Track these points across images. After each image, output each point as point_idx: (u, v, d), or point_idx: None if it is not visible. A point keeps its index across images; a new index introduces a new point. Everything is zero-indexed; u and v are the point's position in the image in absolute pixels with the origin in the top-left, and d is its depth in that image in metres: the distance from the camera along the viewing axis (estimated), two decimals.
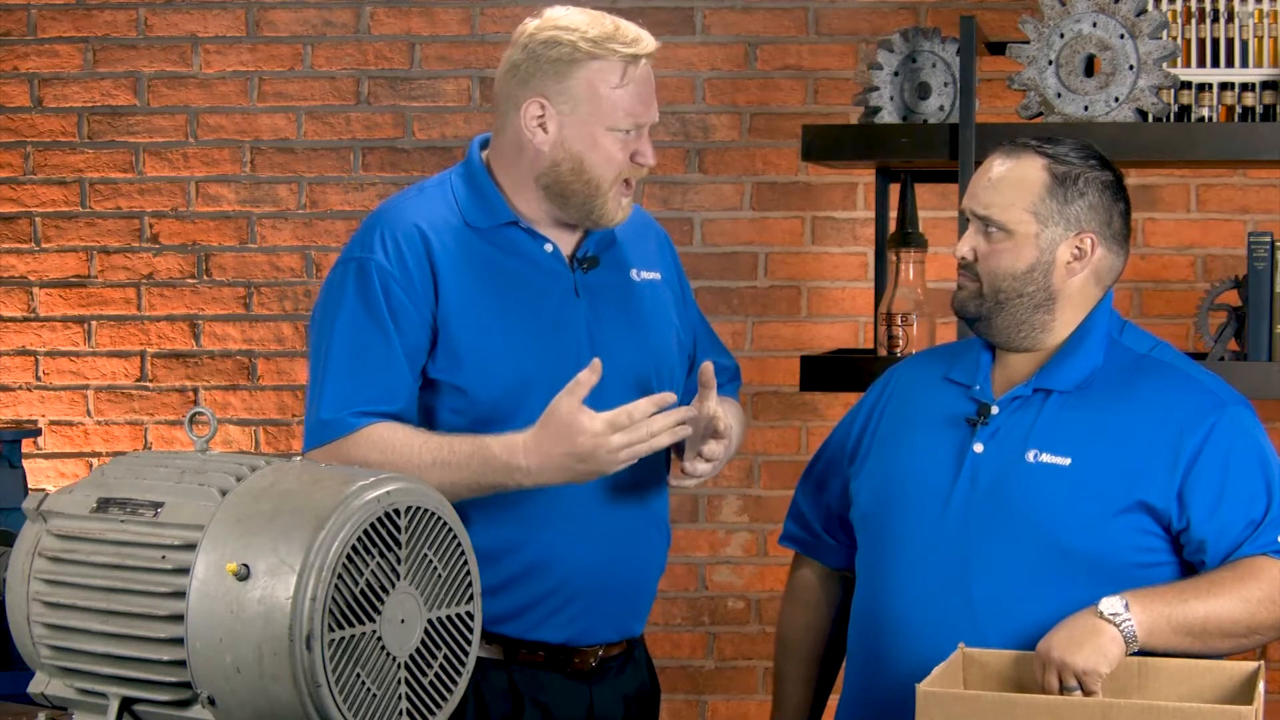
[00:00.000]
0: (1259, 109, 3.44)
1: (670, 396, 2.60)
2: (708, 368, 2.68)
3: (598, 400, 2.65)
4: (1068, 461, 2.52)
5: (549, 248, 2.72)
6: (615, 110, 2.66)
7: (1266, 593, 2.47)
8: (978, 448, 2.57)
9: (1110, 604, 2.40)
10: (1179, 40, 3.44)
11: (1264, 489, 2.52)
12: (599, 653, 2.72)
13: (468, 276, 2.68)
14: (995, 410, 2.58)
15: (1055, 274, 2.58)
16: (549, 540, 2.65)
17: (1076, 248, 2.58)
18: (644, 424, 2.54)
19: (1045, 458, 2.53)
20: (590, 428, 2.52)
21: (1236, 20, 3.46)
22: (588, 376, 2.55)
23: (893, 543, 2.60)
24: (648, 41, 2.70)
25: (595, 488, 2.65)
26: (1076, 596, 2.47)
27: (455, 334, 2.66)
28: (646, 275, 2.83)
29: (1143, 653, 2.42)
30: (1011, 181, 2.58)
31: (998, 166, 2.60)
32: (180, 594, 1.93)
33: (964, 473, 2.56)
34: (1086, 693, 2.35)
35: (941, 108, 3.51)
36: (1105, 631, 2.39)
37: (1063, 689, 2.36)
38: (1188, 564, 2.54)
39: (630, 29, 2.70)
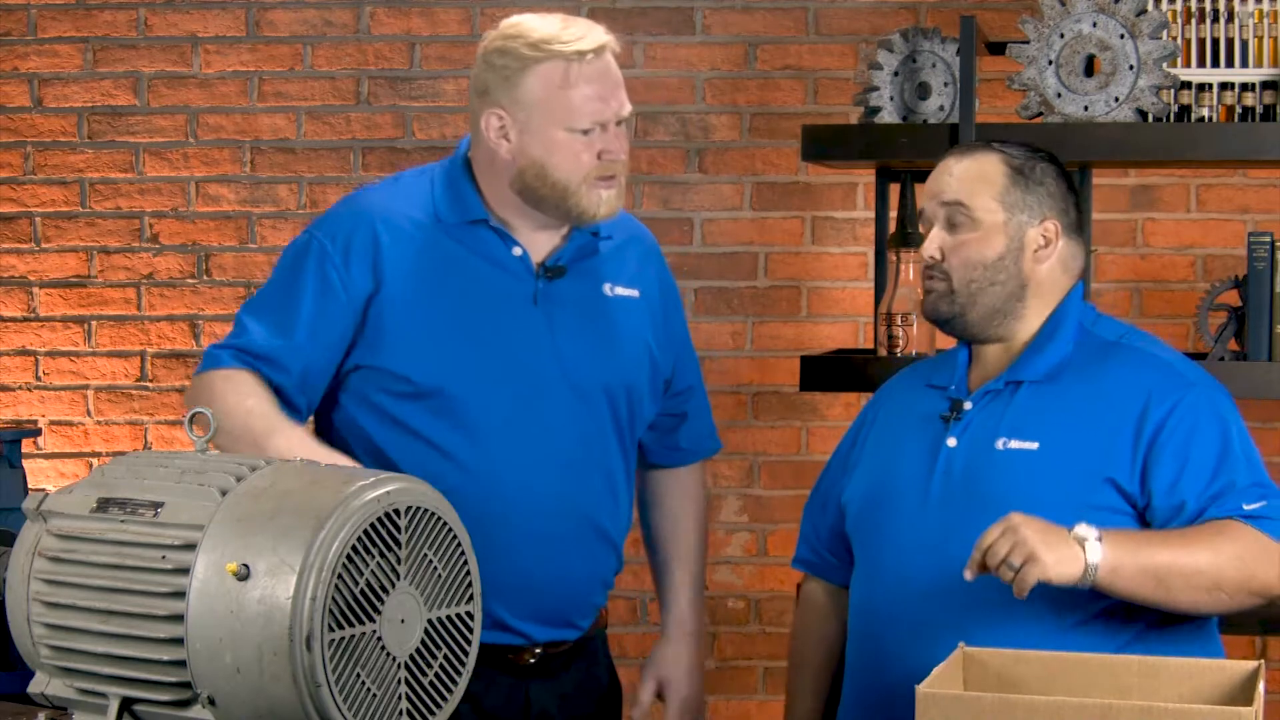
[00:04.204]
0: (1259, 109, 3.44)
1: None
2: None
3: (555, 409, 2.70)
4: (1035, 446, 2.53)
5: (518, 251, 2.72)
6: (569, 110, 2.63)
7: (1236, 551, 2.44)
8: (951, 442, 2.59)
9: (1083, 529, 2.38)
10: (1179, 40, 3.44)
11: (1225, 460, 2.50)
12: (536, 650, 2.74)
13: (418, 271, 2.69)
14: (969, 405, 2.61)
15: (1025, 261, 2.61)
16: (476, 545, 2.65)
17: (1042, 235, 2.61)
18: None
19: (1014, 444, 2.55)
20: None
21: (1236, 20, 3.46)
22: None
23: (878, 545, 2.62)
24: (593, 36, 2.66)
25: (527, 498, 2.68)
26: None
27: (390, 324, 2.67)
28: (622, 291, 2.81)
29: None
30: (974, 174, 2.61)
31: (955, 163, 2.63)
32: (180, 594, 1.93)
33: (939, 468, 2.58)
34: (1015, 587, 2.33)
35: (941, 108, 3.51)
36: (1072, 547, 2.37)
37: (986, 565, 2.35)
38: None
39: (577, 26, 2.67)
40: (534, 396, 2.70)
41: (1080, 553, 2.37)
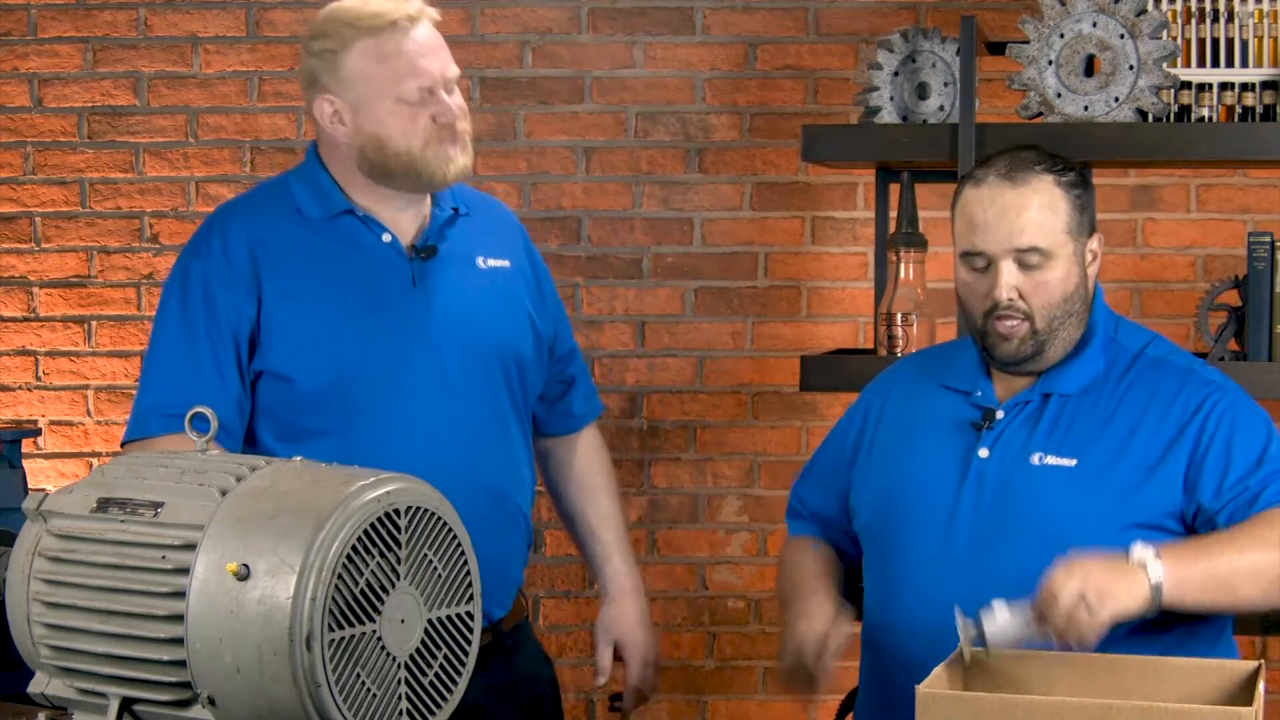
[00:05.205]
0: (1259, 109, 3.44)
1: None
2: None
3: (454, 386, 2.70)
4: (1073, 463, 2.50)
5: (387, 238, 2.74)
6: (392, 81, 2.66)
7: None
8: (983, 453, 2.55)
9: (1139, 550, 2.34)
10: (1179, 40, 3.45)
11: (1268, 450, 2.49)
12: None
13: (294, 270, 2.70)
14: (1000, 415, 2.56)
15: (1088, 282, 2.58)
16: None
17: (1091, 250, 2.58)
18: None
19: (1050, 460, 2.51)
20: None
21: (1236, 20, 3.46)
22: None
23: (900, 552, 2.58)
24: (406, 5, 2.69)
25: (440, 482, 2.62)
26: None
27: (278, 327, 2.68)
28: (494, 263, 2.83)
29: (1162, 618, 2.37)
30: (1040, 206, 2.50)
31: (1014, 196, 2.50)
32: (180, 594, 1.93)
33: (970, 479, 2.54)
34: (1086, 631, 2.31)
35: (941, 108, 3.51)
36: (1136, 573, 2.33)
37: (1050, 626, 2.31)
38: None
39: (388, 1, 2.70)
40: (430, 378, 2.70)
41: (1144, 576, 2.33)
